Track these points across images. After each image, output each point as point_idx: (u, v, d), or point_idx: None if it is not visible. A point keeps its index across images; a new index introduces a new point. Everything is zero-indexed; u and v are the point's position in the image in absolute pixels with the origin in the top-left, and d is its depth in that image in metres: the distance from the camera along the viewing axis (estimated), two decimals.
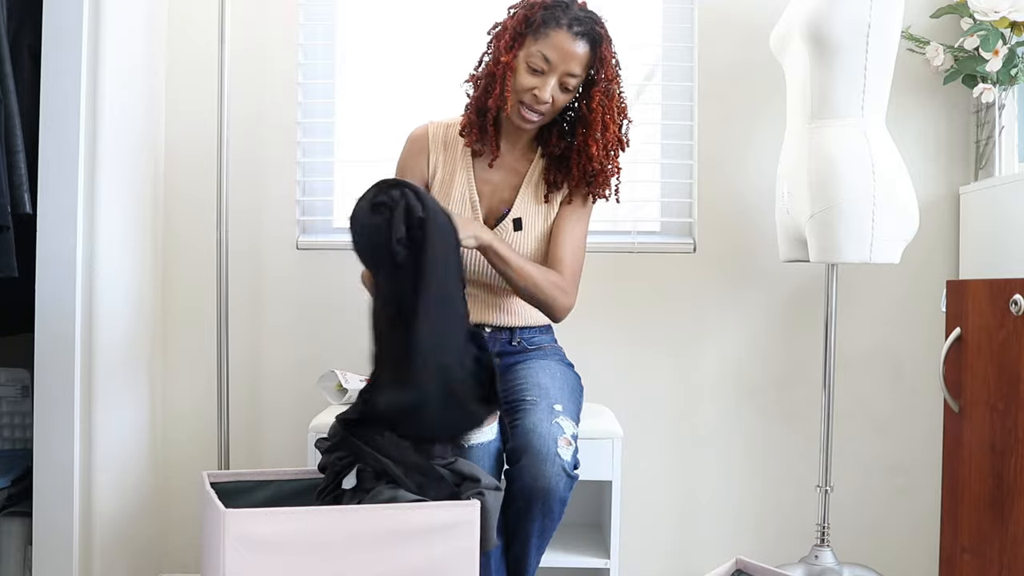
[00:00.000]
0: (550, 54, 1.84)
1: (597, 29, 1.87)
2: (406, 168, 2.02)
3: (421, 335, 1.52)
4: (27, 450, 2.14)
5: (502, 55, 1.88)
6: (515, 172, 2.01)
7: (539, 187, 1.99)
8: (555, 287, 1.89)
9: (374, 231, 1.56)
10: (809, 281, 2.43)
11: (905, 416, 2.44)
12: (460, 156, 2.00)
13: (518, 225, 1.96)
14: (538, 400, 1.76)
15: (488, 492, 1.55)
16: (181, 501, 2.43)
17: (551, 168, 1.98)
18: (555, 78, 1.86)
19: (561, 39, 1.84)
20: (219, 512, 1.40)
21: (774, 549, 2.44)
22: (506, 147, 2.00)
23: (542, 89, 1.85)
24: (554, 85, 1.86)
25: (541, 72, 1.85)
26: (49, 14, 1.91)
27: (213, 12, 2.29)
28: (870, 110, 2.00)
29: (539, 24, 1.85)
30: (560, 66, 1.85)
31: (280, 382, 2.44)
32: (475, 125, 1.95)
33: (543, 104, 1.87)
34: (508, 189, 2.00)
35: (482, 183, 1.99)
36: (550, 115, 1.91)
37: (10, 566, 2.05)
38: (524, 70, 1.86)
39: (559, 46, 1.84)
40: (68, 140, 1.93)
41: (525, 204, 1.98)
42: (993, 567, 1.83)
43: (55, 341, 1.94)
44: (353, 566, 1.42)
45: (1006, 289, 1.80)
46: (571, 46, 1.84)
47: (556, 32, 1.84)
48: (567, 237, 1.96)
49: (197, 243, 2.42)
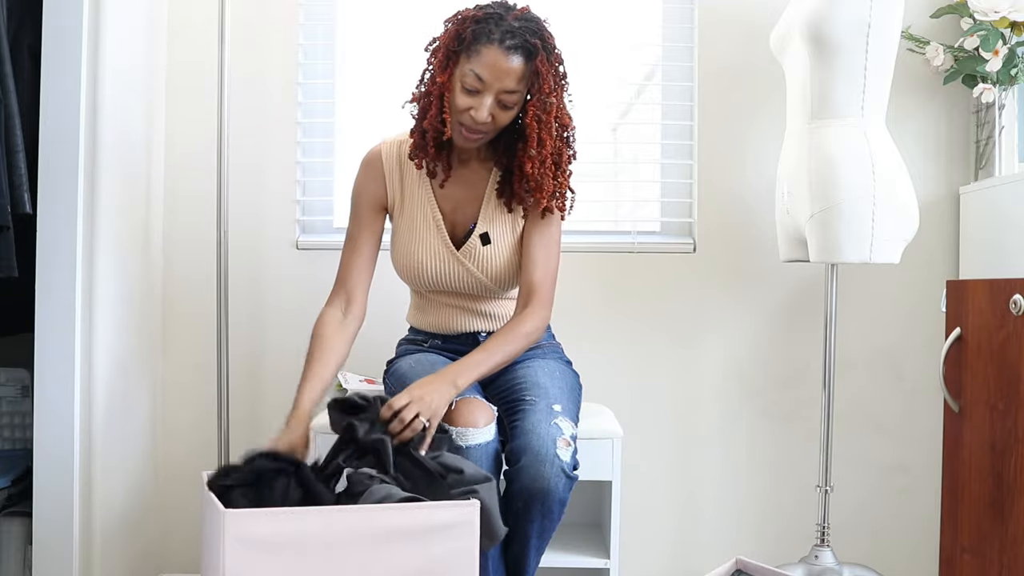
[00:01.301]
0: (483, 72, 1.73)
1: (531, 41, 1.74)
2: (362, 195, 1.95)
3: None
4: (27, 450, 2.14)
5: (437, 75, 1.79)
6: (474, 185, 1.94)
7: (500, 200, 1.92)
8: (530, 333, 1.83)
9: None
10: (809, 281, 2.43)
11: (905, 416, 2.44)
12: (417, 176, 1.93)
13: (486, 239, 1.91)
14: (537, 400, 1.76)
15: (480, 487, 1.54)
16: (181, 501, 2.43)
17: (503, 182, 1.91)
18: (491, 96, 1.75)
19: (493, 56, 1.73)
20: (219, 512, 1.40)
21: (774, 549, 2.44)
22: (460, 162, 1.92)
23: (478, 109, 1.75)
24: (491, 104, 1.76)
25: (476, 92, 1.75)
26: (49, 14, 1.91)
27: (213, 12, 2.29)
28: (870, 110, 2.00)
29: (470, 41, 1.75)
30: (495, 84, 1.74)
31: (280, 382, 2.44)
32: (420, 149, 1.86)
33: (482, 124, 1.77)
34: (470, 203, 1.93)
35: (443, 200, 1.93)
36: (493, 132, 1.82)
37: (10, 566, 2.05)
38: (459, 90, 1.77)
39: (491, 64, 1.73)
40: (68, 140, 1.93)
41: (490, 217, 1.92)
42: (993, 567, 1.83)
43: (55, 341, 1.94)
44: (353, 566, 1.42)
45: (1006, 289, 1.80)
46: (504, 62, 1.73)
47: (487, 49, 1.73)
48: (536, 253, 1.89)
49: (197, 243, 2.43)
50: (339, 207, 2.48)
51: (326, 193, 2.50)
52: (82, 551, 1.99)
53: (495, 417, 1.74)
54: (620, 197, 2.56)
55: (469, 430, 1.68)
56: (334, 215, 2.49)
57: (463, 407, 1.71)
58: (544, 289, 1.88)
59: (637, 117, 2.57)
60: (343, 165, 2.49)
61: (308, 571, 1.41)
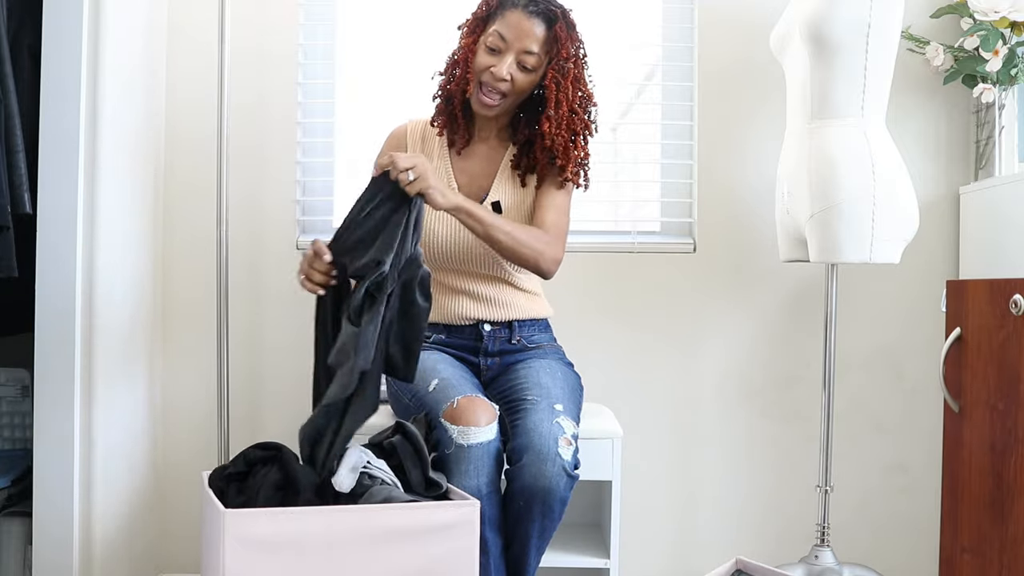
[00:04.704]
0: (505, 32, 1.90)
1: (552, 8, 1.91)
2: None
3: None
4: (27, 450, 2.14)
5: (464, 40, 1.96)
6: (490, 160, 2.04)
7: (515, 173, 2.02)
8: (537, 240, 1.89)
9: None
10: (809, 281, 2.43)
11: (905, 416, 2.44)
12: (437, 149, 2.05)
13: (497, 208, 1.98)
14: (538, 400, 1.76)
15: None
16: (181, 501, 2.43)
17: (520, 154, 2.01)
18: (512, 56, 1.90)
19: (516, 17, 1.90)
20: (219, 512, 1.40)
21: (774, 549, 2.44)
22: (479, 136, 2.05)
23: (499, 67, 1.89)
24: (511, 63, 1.90)
25: (498, 51, 1.91)
26: (49, 14, 1.91)
27: (213, 12, 2.29)
28: (870, 110, 2.00)
29: (496, 6, 1.93)
30: (515, 43, 1.89)
31: (280, 382, 2.44)
32: (443, 113, 2.02)
33: (501, 82, 1.90)
34: (485, 177, 2.03)
35: (459, 172, 2.03)
36: (512, 97, 1.94)
37: (10, 566, 2.05)
38: (482, 51, 1.92)
39: (514, 24, 1.89)
40: (68, 140, 1.93)
41: (503, 189, 2.01)
42: (993, 567, 1.83)
43: (55, 341, 1.94)
44: (353, 566, 1.42)
45: (1006, 289, 1.80)
46: (525, 24, 1.89)
47: (511, 11, 1.90)
48: (548, 203, 1.97)
49: (197, 243, 2.42)
50: (339, 207, 2.48)
51: (326, 193, 2.50)
52: (82, 551, 1.99)
53: (497, 416, 1.74)
54: (620, 197, 2.56)
55: (471, 429, 1.68)
56: (334, 215, 2.49)
57: (465, 406, 1.71)
58: (553, 229, 1.94)
59: (637, 117, 2.57)
60: (343, 165, 2.49)
61: (308, 571, 1.41)
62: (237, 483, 1.54)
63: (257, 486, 1.50)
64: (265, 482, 1.50)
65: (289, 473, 1.51)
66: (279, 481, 1.50)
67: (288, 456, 1.54)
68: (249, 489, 1.51)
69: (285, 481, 1.50)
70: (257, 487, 1.50)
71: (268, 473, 1.52)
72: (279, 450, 1.55)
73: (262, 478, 1.51)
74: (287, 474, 1.51)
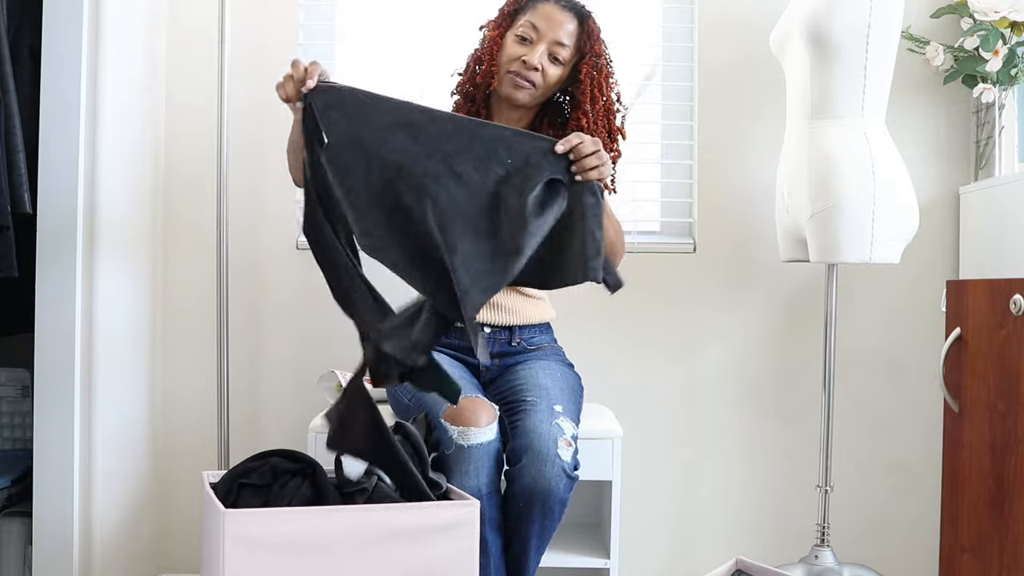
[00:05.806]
0: (538, 22, 1.90)
1: (583, 7, 1.94)
2: None
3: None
4: (27, 450, 2.14)
5: (490, 33, 1.96)
6: None
7: None
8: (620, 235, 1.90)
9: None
10: (809, 281, 2.43)
11: (905, 416, 2.44)
12: None
13: None
14: (538, 401, 1.76)
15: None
16: (181, 501, 2.43)
17: None
18: (544, 46, 1.90)
19: (549, 9, 1.91)
20: (219, 512, 1.40)
21: (774, 549, 2.44)
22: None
23: (531, 55, 1.89)
24: (543, 52, 1.90)
25: (530, 41, 1.90)
26: (49, 14, 1.91)
27: (213, 12, 2.29)
28: (870, 110, 2.00)
29: (527, 1, 1.94)
30: (548, 34, 1.89)
31: (280, 382, 2.44)
32: (462, 109, 2.00)
33: (532, 71, 1.89)
34: None
35: None
36: (542, 90, 1.93)
37: (10, 566, 2.05)
38: (513, 41, 1.92)
39: (547, 15, 1.90)
40: (68, 140, 1.93)
41: None
42: (993, 567, 1.83)
43: (55, 341, 1.94)
44: (353, 566, 1.42)
45: (1006, 289, 1.80)
46: (558, 15, 1.90)
47: (544, 4, 1.92)
48: None
49: (197, 244, 2.42)
50: None
51: None
52: (82, 551, 1.99)
53: (497, 416, 1.74)
54: (620, 197, 2.56)
55: (471, 429, 1.68)
56: None
57: (465, 406, 1.71)
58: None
59: (637, 117, 2.57)
60: None
61: (308, 571, 1.41)
62: (256, 492, 1.50)
63: (287, 497, 1.48)
64: (297, 494, 1.48)
65: (320, 489, 1.49)
66: (311, 497, 1.48)
67: (321, 472, 1.51)
68: (274, 502, 1.48)
69: (316, 497, 1.48)
70: (287, 499, 1.47)
71: (300, 487, 1.49)
72: (312, 465, 1.52)
73: (293, 490, 1.48)
74: (318, 490, 1.49)
